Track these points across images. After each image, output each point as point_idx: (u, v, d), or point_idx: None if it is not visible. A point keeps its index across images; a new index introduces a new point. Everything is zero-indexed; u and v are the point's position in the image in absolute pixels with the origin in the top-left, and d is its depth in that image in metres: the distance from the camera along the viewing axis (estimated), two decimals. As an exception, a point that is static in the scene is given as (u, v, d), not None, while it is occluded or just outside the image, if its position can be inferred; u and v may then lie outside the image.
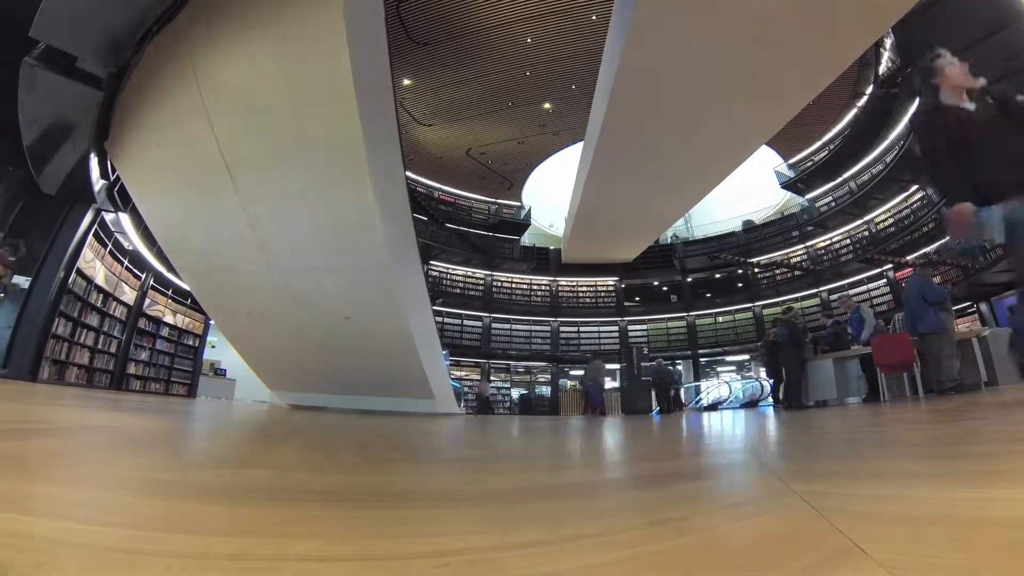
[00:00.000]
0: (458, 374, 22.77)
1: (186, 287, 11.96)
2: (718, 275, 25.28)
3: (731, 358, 24.16)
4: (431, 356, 10.15)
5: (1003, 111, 2.85)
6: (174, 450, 2.46)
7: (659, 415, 14.11)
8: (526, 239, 28.32)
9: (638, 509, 1.34)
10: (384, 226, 7.98)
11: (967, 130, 2.89)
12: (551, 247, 27.16)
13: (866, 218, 20.96)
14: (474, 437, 4.68)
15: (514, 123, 23.99)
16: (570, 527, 1.04)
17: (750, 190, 26.52)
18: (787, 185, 24.31)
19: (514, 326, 25.36)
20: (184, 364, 15.10)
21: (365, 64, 7.00)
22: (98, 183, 9.74)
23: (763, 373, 15.01)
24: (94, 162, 9.11)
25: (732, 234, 26.02)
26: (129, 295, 13.04)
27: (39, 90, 7.17)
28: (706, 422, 7.36)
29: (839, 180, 22.11)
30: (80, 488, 1.28)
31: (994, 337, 7.64)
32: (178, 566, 0.69)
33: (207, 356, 16.82)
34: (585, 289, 26.45)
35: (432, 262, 24.01)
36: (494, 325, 24.97)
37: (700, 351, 24.13)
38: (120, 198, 10.47)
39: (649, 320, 25.50)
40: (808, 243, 22.92)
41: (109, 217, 11.37)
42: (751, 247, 24.60)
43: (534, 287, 26.50)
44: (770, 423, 5.94)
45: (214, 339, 16.87)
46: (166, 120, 7.62)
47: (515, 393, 24.12)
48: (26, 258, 9.59)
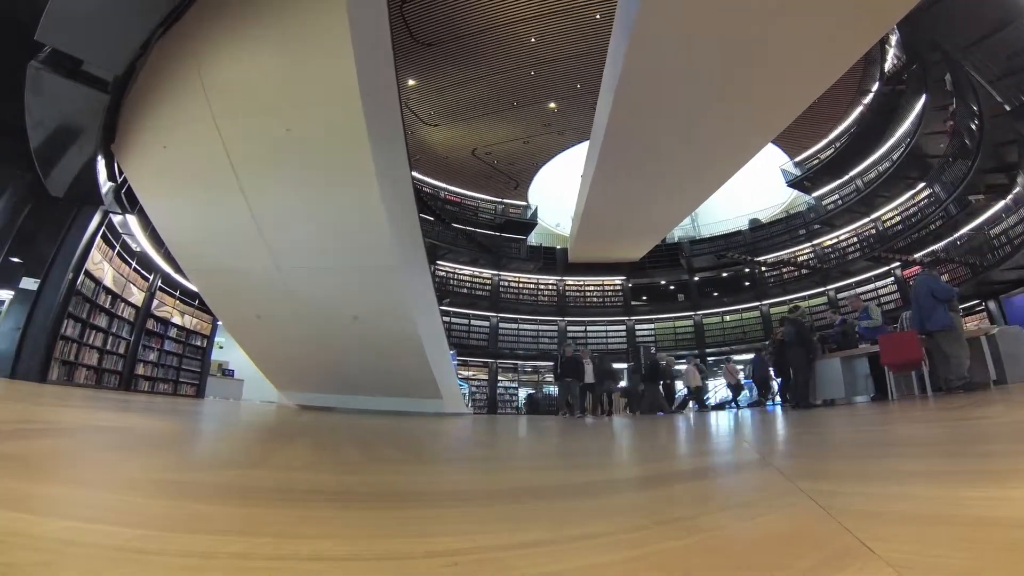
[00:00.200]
0: (466, 374, 22.80)
1: (194, 288, 12.00)
2: (725, 274, 25.23)
3: (738, 357, 24.08)
4: (438, 356, 10.16)
5: None
6: (182, 450, 2.47)
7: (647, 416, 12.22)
8: (533, 239, 28.35)
9: (645, 508, 1.34)
10: (391, 226, 7.98)
11: None
12: (558, 246, 27.18)
13: (873, 216, 20.84)
14: (482, 437, 4.68)
15: (519, 123, 24.00)
16: (577, 526, 1.04)
17: (756, 189, 26.48)
18: (793, 183, 24.23)
19: (521, 326, 25.33)
20: (192, 365, 15.19)
21: (369, 64, 7.01)
22: (105, 185, 9.79)
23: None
24: (101, 164, 9.16)
25: (739, 233, 25.96)
26: (137, 296, 13.11)
27: (45, 93, 7.20)
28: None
29: (846, 178, 22.05)
30: (88, 488, 1.28)
31: (1003, 335, 7.59)
32: (186, 565, 0.70)
33: (215, 357, 16.92)
34: (592, 288, 26.40)
35: (439, 262, 24.01)
36: (501, 325, 24.97)
37: (707, 350, 24.02)
38: (127, 200, 10.53)
39: (656, 319, 25.42)
40: (815, 241, 22.81)
41: (117, 219, 11.43)
42: (758, 246, 24.54)
43: (541, 287, 26.47)
44: (777, 424, 5.91)
45: (222, 340, 16.97)
46: (172, 122, 7.65)
47: (522, 393, 24.10)
48: (35, 260, 9.67)
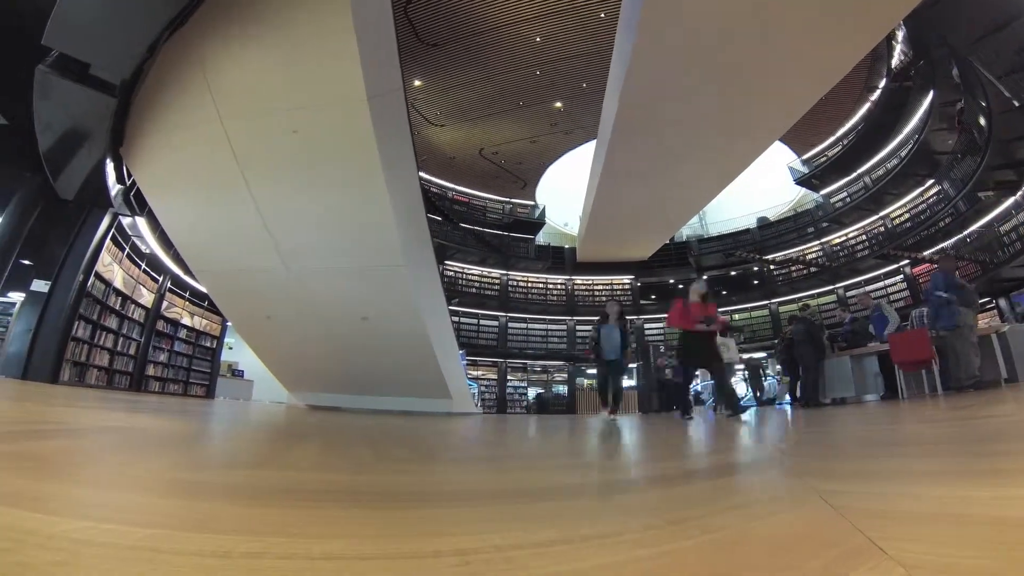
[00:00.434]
0: (475, 373, 22.83)
1: (203, 289, 12.07)
2: (733, 272, 25.13)
3: (747, 356, 23.93)
4: (447, 356, 10.18)
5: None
6: (193, 451, 2.48)
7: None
8: (541, 238, 28.39)
9: (656, 507, 1.34)
10: (399, 227, 8.01)
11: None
12: (566, 246, 27.18)
13: (882, 213, 20.71)
14: (491, 436, 4.69)
15: (525, 122, 24.02)
16: (588, 525, 1.05)
17: (764, 187, 26.37)
18: (801, 181, 24.08)
19: (530, 325, 25.36)
20: (202, 365, 15.29)
21: (375, 65, 7.02)
22: (114, 188, 9.87)
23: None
24: (110, 167, 9.24)
25: (747, 231, 25.91)
26: (147, 298, 13.21)
27: (53, 97, 7.24)
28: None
29: (854, 175, 21.92)
30: (101, 488, 1.29)
31: (1013, 333, 7.53)
32: (200, 564, 0.70)
33: (225, 357, 17.02)
34: (601, 287, 26.37)
35: (447, 262, 24.06)
36: (510, 324, 25.00)
37: (716, 349, 23.87)
38: (136, 202, 10.61)
39: (665, 318, 25.20)
40: (823, 239, 22.69)
41: (126, 221, 11.52)
42: (766, 244, 24.47)
43: (550, 286, 26.47)
44: (787, 423, 5.89)
45: (231, 340, 17.05)
46: (179, 124, 7.70)
47: (532, 392, 24.10)
48: (46, 262, 9.75)
